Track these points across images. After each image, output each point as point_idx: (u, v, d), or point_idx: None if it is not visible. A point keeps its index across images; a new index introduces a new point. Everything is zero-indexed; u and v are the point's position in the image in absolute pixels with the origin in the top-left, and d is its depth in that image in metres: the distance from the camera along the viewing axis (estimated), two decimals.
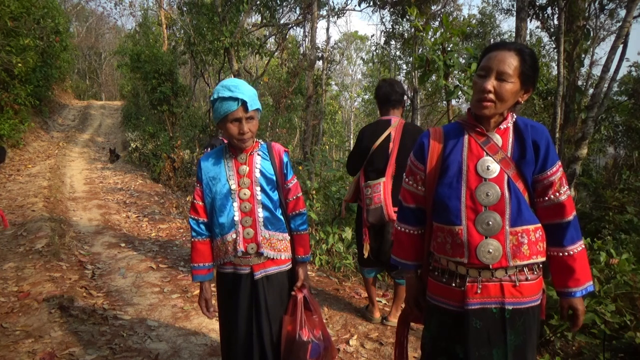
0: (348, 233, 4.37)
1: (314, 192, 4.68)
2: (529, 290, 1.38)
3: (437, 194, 1.45)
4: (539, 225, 1.39)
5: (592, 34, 10.14)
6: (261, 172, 1.80)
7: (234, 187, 1.77)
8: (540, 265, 1.43)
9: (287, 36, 13.36)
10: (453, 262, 1.42)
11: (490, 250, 1.34)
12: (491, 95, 1.34)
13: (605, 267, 2.88)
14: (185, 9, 11.38)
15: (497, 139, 1.41)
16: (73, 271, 4.10)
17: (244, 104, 1.67)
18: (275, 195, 1.83)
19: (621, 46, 5.57)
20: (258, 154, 1.82)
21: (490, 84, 1.34)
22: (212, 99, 1.72)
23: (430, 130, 1.53)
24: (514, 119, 1.44)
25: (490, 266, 1.35)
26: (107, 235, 5.44)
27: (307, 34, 11.90)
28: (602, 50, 33.43)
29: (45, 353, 2.64)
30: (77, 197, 7.47)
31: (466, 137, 1.44)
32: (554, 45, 10.64)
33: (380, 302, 3.45)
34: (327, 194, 4.78)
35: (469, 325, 1.36)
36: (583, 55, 8.65)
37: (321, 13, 12.30)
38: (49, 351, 2.66)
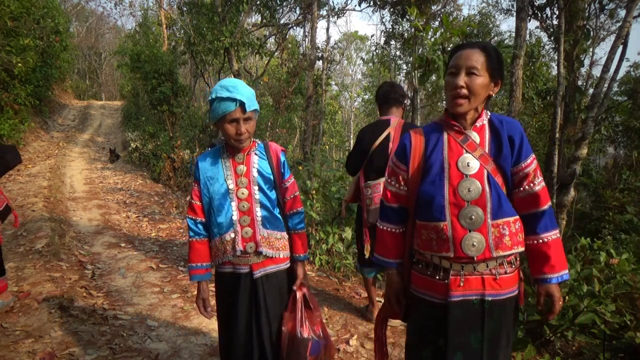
0: (348, 233, 4.37)
1: (313, 192, 4.68)
2: (508, 282, 1.46)
3: (420, 192, 1.50)
4: (517, 217, 1.46)
5: (592, 34, 10.14)
6: (259, 172, 1.81)
7: (231, 186, 1.77)
8: (518, 258, 1.51)
9: (287, 36, 13.36)
10: (437, 257, 1.48)
11: (475, 243, 1.40)
12: (464, 91, 1.41)
13: (605, 267, 2.88)
14: (185, 9, 11.37)
15: (475, 136, 1.48)
16: (73, 271, 4.11)
17: (242, 104, 1.67)
18: (273, 195, 1.84)
19: (621, 46, 5.56)
20: (255, 154, 1.83)
21: (462, 79, 1.41)
22: (210, 98, 1.71)
23: (410, 132, 1.59)
24: (488, 116, 1.51)
25: (475, 258, 1.41)
26: (107, 235, 5.44)
27: (307, 34, 11.90)
28: (602, 50, 33.48)
29: (45, 353, 2.64)
30: (77, 197, 7.47)
31: (445, 136, 1.50)
32: (553, 45, 10.64)
33: (380, 302, 3.45)
34: (327, 194, 4.78)
35: (449, 316, 1.43)
36: (583, 55, 8.65)
37: (321, 13, 12.31)
38: (49, 351, 2.66)
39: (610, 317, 2.57)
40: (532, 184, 1.45)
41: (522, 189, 1.46)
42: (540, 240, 1.45)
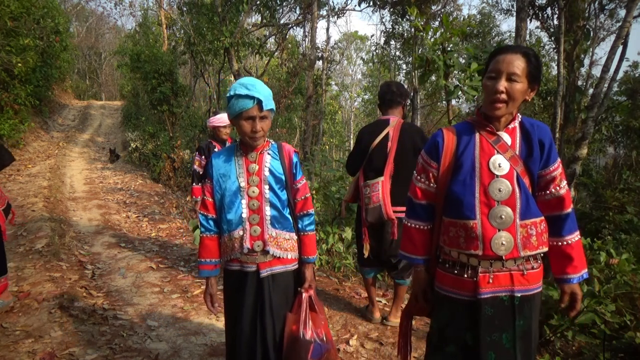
0: (348, 233, 4.37)
1: (314, 192, 4.68)
2: (535, 278, 1.49)
3: (450, 190, 1.53)
4: (543, 217, 1.49)
5: (592, 34, 10.15)
6: (270, 171, 1.82)
7: (243, 184, 1.79)
8: (542, 255, 1.53)
9: (287, 36, 13.36)
10: (465, 255, 1.50)
11: (504, 242, 1.44)
12: (503, 96, 1.43)
13: (605, 267, 2.88)
14: (185, 9, 11.38)
15: (506, 137, 1.50)
16: (73, 271, 4.11)
17: (259, 102, 1.70)
18: (283, 195, 1.85)
19: (621, 46, 5.56)
20: (268, 153, 1.85)
21: (502, 85, 1.43)
22: (228, 95, 1.74)
23: (443, 130, 1.60)
24: (519, 119, 1.54)
25: (503, 257, 1.44)
26: (107, 235, 5.44)
27: (307, 34, 11.90)
28: (602, 50, 33.41)
29: (45, 353, 2.64)
30: (77, 197, 7.47)
31: (477, 136, 1.53)
32: (553, 45, 10.64)
33: (380, 302, 3.45)
34: (327, 194, 4.78)
35: (481, 313, 1.46)
36: (583, 55, 8.65)
37: (321, 13, 12.31)
38: (49, 351, 2.66)
39: (610, 317, 2.57)
40: (558, 187, 1.49)
41: (548, 191, 1.50)
42: (565, 242, 1.49)
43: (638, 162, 9.94)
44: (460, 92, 4.03)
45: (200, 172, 3.94)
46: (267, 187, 1.81)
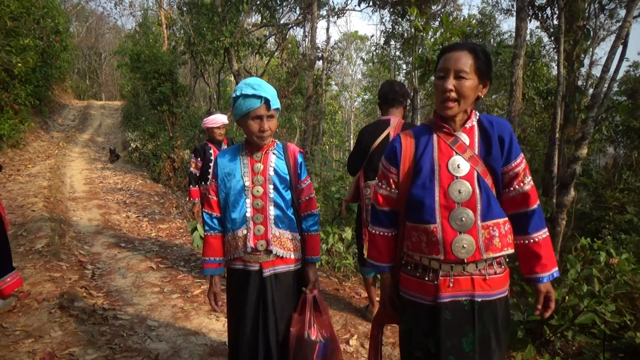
0: (348, 233, 4.37)
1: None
2: (497, 283, 1.46)
3: (410, 194, 1.50)
4: (507, 218, 1.46)
5: (592, 34, 10.15)
6: (275, 171, 1.83)
7: (247, 183, 1.80)
8: (507, 259, 1.51)
9: (287, 36, 13.36)
10: (427, 258, 1.47)
11: (465, 245, 1.40)
12: (453, 94, 1.41)
13: (605, 267, 2.88)
14: (185, 9, 11.37)
15: (464, 137, 1.48)
16: (73, 271, 4.11)
17: (267, 102, 1.71)
18: (287, 195, 1.86)
19: (621, 46, 5.56)
20: (273, 153, 1.86)
21: (450, 83, 1.41)
22: (234, 95, 1.75)
23: (400, 135, 1.58)
24: (477, 117, 1.51)
25: (465, 260, 1.41)
26: (107, 235, 5.44)
27: (307, 34, 11.90)
28: (602, 50, 33.46)
29: (45, 353, 2.65)
30: (77, 197, 7.47)
31: (435, 138, 1.50)
32: (554, 45, 10.64)
33: None
34: (327, 194, 4.79)
35: (440, 317, 1.43)
36: (583, 55, 8.66)
37: (321, 13, 12.31)
38: (49, 351, 2.66)
39: (610, 317, 2.57)
40: (522, 183, 1.46)
41: (512, 188, 1.47)
42: (531, 240, 1.45)
43: (638, 162, 9.94)
44: None
45: (197, 174, 3.94)
46: (271, 186, 1.81)
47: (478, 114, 1.52)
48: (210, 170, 3.82)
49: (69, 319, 3.10)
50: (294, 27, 12.38)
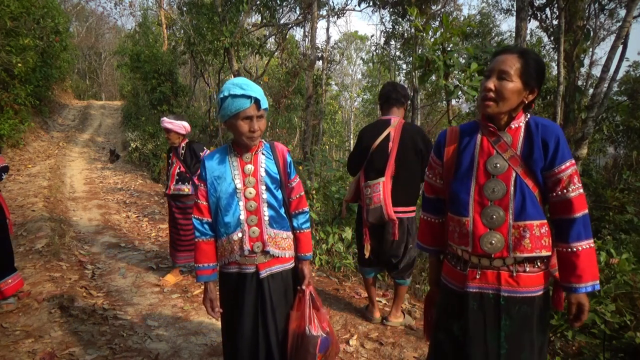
0: (348, 233, 4.37)
1: (314, 192, 4.68)
2: (527, 281, 1.46)
3: (450, 187, 1.58)
4: (545, 221, 1.46)
5: (592, 34, 10.14)
6: (266, 171, 1.82)
7: (239, 186, 1.78)
8: (545, 260, 1.49)
9: (287, 36, 13.35)
10: (460, 248, 1.55)
11: (493, 242, 1.45)
12: (491, 94, 1.44)
13: (605, 267, 2.88)
14: (185, 9, 11.36)
15: (508, 137, 1.50)
16: (73, 271, 4.11)
17: (256, 101, 1.69)
18: (279, 194, 1.85)
19: (621, 46, 5.56)
20: (262, 153, 1.84)
21: (491, 82, 1.44)
22: (221, 96, 1.70)
23: (447, 129, 1.65)
24: (527, 119, 1.51)
25: (492, 255, 1.45)
26: (107, 235, 5.44)
27: (307, 34, 11.90)
28: (602, 50, 33.42)
29: (45, 353, 2.64)
30: (77, 197, 7.47)
31: (479, 135, 1.54)
32: (553, 45, 10.63)
33: (380, 302, 3.45)
34: (327, 194, 4.78)
35: (467, 305, 1.50)
36: (583, 55, 8.65)
37: (321, 13, 12.30)
38: (49, 351, 2.66)
39: (610, 317, 2.57)
40: (565, 190, 1.43)
41: (554, 193, 1.45)
42: (570, 249, 1.43)
43: (638, 162, 9.93)
44: (460, 92, 4.03)
45: (187, 174, 4.00)
46: (264, 187, 1.80)
47: (529, 116, 1.52)
48: (172, 171, 3.96)
49: (69, 319, 3.10)
50: (294, 27, 12.38)
